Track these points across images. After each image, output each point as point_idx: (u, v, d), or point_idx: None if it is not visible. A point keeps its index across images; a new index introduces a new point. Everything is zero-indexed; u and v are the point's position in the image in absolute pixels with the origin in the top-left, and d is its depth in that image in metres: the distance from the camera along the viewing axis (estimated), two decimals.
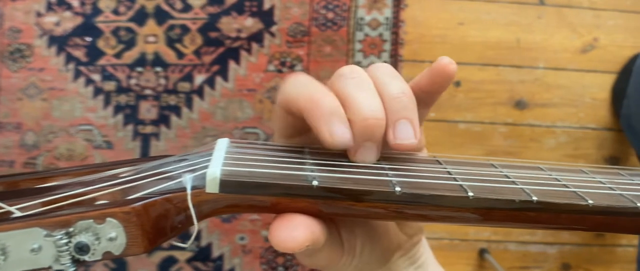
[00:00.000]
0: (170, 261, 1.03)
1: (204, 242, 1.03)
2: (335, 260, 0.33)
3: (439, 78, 0.33)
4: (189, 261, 1.03)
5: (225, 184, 0.27)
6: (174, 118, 1.03)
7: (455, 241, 1.04)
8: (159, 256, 1.03)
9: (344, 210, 0.28)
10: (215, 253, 1.04)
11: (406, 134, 0.30)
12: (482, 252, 1.04)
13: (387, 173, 0.30)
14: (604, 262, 1.05)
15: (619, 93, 1.04)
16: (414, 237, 0.38)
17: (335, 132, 0.29)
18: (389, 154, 0.33)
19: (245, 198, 0.27)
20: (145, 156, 1.05)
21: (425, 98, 0.35)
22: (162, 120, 1.03)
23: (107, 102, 1.03)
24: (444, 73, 0.33)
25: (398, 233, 0.37)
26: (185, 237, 0.28)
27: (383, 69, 0.32)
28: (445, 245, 1.04)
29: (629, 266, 1.05)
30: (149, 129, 1.03)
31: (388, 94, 0.30)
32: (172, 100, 1.03)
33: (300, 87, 0.30)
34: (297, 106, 0.30)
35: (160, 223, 0.25)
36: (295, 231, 0.27)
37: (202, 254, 1.04)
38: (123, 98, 1.03)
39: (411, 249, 0.38)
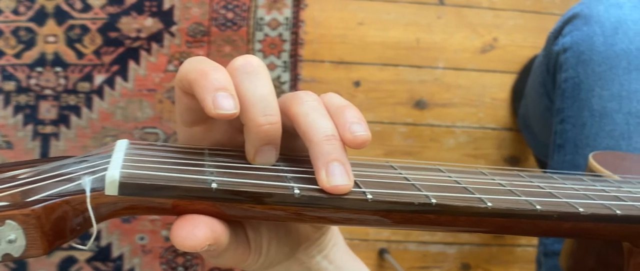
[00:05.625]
0: (70, 261, 1.03)
1: (103, 242, 1.03)
2: (242, 259, 0.33)
3: None
4: (89, 261, 1.03)
5: (124, 186, 0.26)
6: (73, 118, 1.03)
7: (355, 241, 1.04)
8: (59, 256, 1.03)
9: (244, 212, 0.28)
10: (115, 253, 1.04)
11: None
12: (381, 252, 1.04)
13: (286, 176, 0.30)
14: (503, 262, 1.05)
15: (518, 93, 1.04)
16: (322, 228, 0.37)
17: (219, 101, 0.28)
18: (289, 156, 0.33)
19: (145, 200, 0.27)
20: (45, 156, 1.04)
21: None
22: (62, 120, 1.03)
23: (6, 102, 1.03)
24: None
25: (305, 226, 0.36)
26: (85, 238, 0.28)
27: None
28: None
29: (528, 266, 1.04)
30: (48, 129, 1.03)
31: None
32: (72, 100, 1.03)
33: (193, 63, 0.30)
34: (188, 80, 0.30)
35: (59, 225, 0.25)
36: (196, 229, 0.27)
37: (102, 254, 1.04)
38: (23, 98, 1.03)
39: (318, 239, 0.37)
